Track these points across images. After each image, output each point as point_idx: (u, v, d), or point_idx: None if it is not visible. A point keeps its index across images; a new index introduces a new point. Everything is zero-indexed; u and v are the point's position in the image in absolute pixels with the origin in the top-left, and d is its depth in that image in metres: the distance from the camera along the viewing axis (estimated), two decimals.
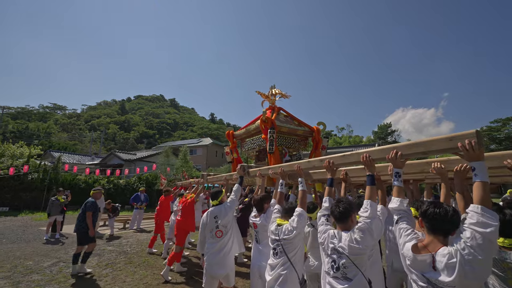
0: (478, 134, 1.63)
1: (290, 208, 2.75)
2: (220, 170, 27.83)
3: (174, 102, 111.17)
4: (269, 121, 5.05)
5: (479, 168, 1.62)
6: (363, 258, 1.98)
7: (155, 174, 19.47)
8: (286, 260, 2.49)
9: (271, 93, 6.02)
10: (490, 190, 1.58)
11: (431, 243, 1.64)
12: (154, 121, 75.97)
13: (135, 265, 5.80)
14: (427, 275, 1.57)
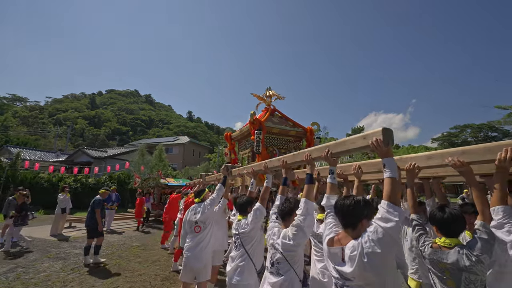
0: (385, 132, 1.70)
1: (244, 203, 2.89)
2: (198, 170, 27.31)
3: (149, 98, 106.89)
4: (257, 122, 5.15)
5: (388, 164, 1.67)
6: (295, 255, 2.03)
7: (127, 172, 18.57)
8: (243, 252, 2.61)
9: (267, 94, 6.11)
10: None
11: (343, 237, 1.69)
12: (127, 117, 72.42)
13: (105, 268, 5.48)
14: (338, 267, 1.62)
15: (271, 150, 5.35)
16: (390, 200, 1.56)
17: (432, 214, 1.90)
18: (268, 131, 5.37)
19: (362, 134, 1.85)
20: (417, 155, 2.04)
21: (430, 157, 1.95)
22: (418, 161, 2.03)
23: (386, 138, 1.69)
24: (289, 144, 5.83)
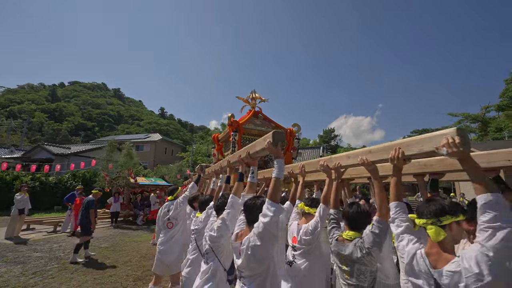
0: (274, 134, 1.93)
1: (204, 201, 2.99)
2: (171, 168, 26.54)
3: (118, 92, 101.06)
4: (235, 124, 5.33)
5: (276, 165, 1.92)
6: (219, 246, 2.21)
7: (94, 171, 17.53)
8: (195, 246, 2.83)
9: (251, 97, 6.28)
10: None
11: (245, 232, 1.87)
12: (93, 112, 67.78)
13: (71, 271, 5.23)
14: (236, 259, 1.85)
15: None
16: (271, 197, 1.76)
17: (344, 210, 2.12)
18: (247, 133, 5.57)
19: (264, 137, 2.04)
20: (340, 155, 2.24)
21: (349, 156, 2.11)
22: (341, 160, 2.20)
23: (276, 139, 1.91)
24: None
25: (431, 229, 1.37)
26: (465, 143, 1.29)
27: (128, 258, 6.20)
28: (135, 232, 9.69)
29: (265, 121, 6.26)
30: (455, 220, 1.35)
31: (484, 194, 1.22)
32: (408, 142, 1.59)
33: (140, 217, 11.72)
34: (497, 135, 28.09)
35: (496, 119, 31.54)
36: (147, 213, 12.19)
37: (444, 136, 1.34)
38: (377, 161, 1.82)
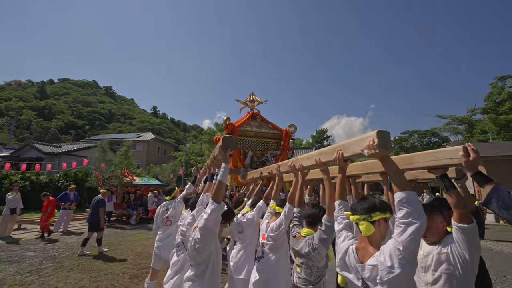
0: (224, 139, 2.11)
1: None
2: (165, 168, 26.39)
3: (110, 90, 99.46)
4: (230, 126, 5.55)
5: (222, 169, 2.14)
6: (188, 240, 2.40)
7: (86, 170, 17.35)
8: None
9: (250, 99, 6.47)
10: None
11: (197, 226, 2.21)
12: (84, 110, 66.56)
13: (66, 269, 5.29)
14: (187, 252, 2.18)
15: (246, 151, 5.77)
16: (212, 197, 1.99)
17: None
18: (244, 134, 5.79)
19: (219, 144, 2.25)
20: (301, 157, 2.42)
21: (308, 157, 2.27)
22: (303, 162, 2.37)
23: (225, 144, 2.12)
24: (266, 145, 6.19)
25: (362, 225, 1.45)
26: (384, 145, 1.41)
27: (124, 257, 6.27)
28: (129, 231, 9.73)
29: (262, 123, 6.41)
30: (383, 217, 1.44)
31: (399, 192, 1.32)
32: (347, 144, 1.72)
33: (133, 217, 11.72)
34: (482, 137, 29.09)
35: (481, 121, 32.61)
36: (140, 212, 12.21)
37: (368, 139, 1.47)
38: (327, 162, 1.96)
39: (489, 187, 1.43)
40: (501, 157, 14.53)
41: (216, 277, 2.01)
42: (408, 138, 44.53)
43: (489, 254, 7.21)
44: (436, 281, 1.61)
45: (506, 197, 1.34)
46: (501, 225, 12.83)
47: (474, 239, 1.54)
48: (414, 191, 1.33)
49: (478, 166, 1.46)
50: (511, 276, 5.41)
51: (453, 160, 1.54)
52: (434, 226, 1.70)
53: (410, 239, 1.23)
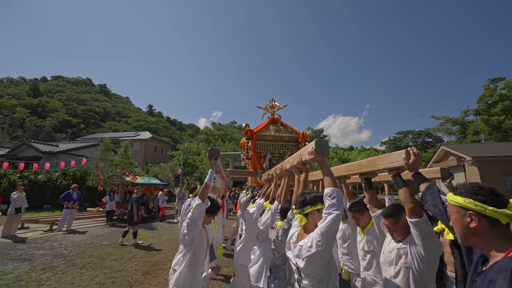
0: (209, 150, 2.50)
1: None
2: (164, 167, 26.39)
3: (104, 88, 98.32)
4: (249, 132, 5.93)
5: (208, 174, 2.54)
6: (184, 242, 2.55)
7: (84, 169, 17.31)
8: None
9: (270, 105, 6.77)
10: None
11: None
12: (78, 108, 65.66)
13: (79, 266, 5.42)
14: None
15: (265, 154, 6.13)
16: (199, 195, 2.42)
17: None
18: (262, 139, 6.15)
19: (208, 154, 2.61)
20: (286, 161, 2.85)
21: (288, 161, 2.69)
22: (286, 165, 2.80)
23: (210, 154, 2.51)
24: (285, 148, 6.50)
25: (298, 217, 1.77)
26: (322, 152, 1.71)
27: (132, 255, 6.42)
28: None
29: (282, 127, 6.68)
30: (315, 209, 1.71)
31: (328, 188, 1.63)
32: (302, 151, 2.10)
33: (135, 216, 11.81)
34: (474, 137, 29.81)
35: (474, 122, 33.40)
36: (142, 211, 12.30)
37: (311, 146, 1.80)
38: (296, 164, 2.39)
39: (423, 186, 1.60)
40: (493, 157, 15.04)
41: (197, 256, 2.48)
42: (403, 139, 45.32)
43: None
44: (397, 275, 1.81)
45: (436, 195, 1.51)
46: None
47: (426, 232, 1.65)
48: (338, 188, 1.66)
49: (418, 167, 1.64)
50: None
51: (399, 163, 1.74)
52: (399, 226, 1.88)
53: (327, 225, 1.51)
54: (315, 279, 1.52)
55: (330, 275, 1.56)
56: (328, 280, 1.54)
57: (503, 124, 28.12)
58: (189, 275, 2.38)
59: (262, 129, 6.29)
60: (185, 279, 2.36)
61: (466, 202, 1.03)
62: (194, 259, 2.44)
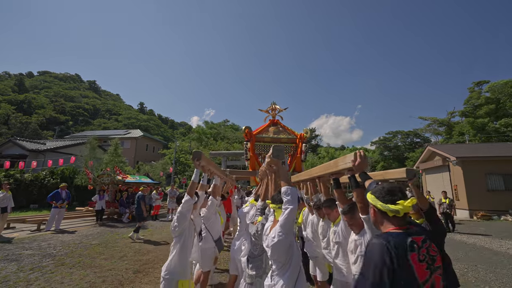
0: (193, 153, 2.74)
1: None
2: (156, 166, 26.14)
3: (94, 85, 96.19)
4: (249, 134, 6.21)
5: (194, 173, 2.85)
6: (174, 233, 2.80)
7: (73, 168, 17.00)
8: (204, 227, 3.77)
9: (271, 108, 7.01)
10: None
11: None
12: (66, 105, 63.99)
13: (68, 266, 5.40)
14: None
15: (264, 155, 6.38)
16: (187, 192, 2.77)
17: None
18: (261, 140, 6.42)
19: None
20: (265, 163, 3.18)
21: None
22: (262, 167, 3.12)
23: (194, 156, 2.70)
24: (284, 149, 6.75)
25: (277, 211, 2.05)
26: (278, 156, 2.00)
27: (123, 254, 6.42)
28: (123, 230, 9.78)
29: (281, 129, 6.89)
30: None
31: (284, 187, 1.93)
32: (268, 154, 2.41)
33: (126, 215, 11.74)
34: (460, 138, 30.79)
35: (460, 124, 34.46)
36: (132, 210, 12.23)
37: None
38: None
39: (368, 183, 1.82)
40: (476, 157, 15.64)
41: (186, 245, 2.77)
42: (392, 138, 46.25)
43: (463, 246, 7.92)
44: (355, 261, 2.12)
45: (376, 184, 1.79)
46: (474, 221, 13.87)
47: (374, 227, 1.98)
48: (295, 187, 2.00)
49: (362, 168, 1.85)
50: (481, 265, 6.05)
51: (347, 164, 1.98)
52: (355, 221, 2.16)
53: (285, 218, 1.84)
54: (280, 263, 1.83)
55: (292, 259, 1.84)
56: (290, 264, 1.83)
57: (486, 127, 29.15)
58: (178, 261, 2.68)
59: (262, 131, 6.55)
60: (175, 264, 2.67)
61: (369, 198, 1.37)
62: (183, 248, 2.73)
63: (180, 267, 2.68)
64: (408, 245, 1.12)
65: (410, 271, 1.08)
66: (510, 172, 14.86)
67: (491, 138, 28.08)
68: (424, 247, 1.13)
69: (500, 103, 30.58)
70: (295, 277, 1.82)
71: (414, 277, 1.08)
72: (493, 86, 31.01)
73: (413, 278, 1.08)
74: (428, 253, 1.13)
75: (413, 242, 1.13)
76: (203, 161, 2.82)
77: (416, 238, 1.15)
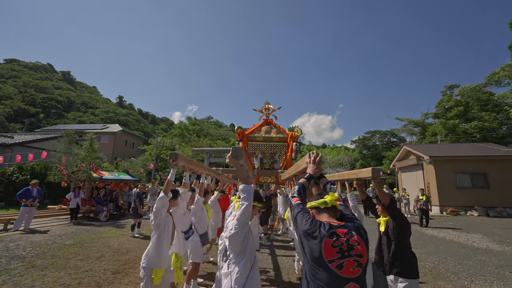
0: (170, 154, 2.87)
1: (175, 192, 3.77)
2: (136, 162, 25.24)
3: (68, 76, 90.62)
4: (240, 134, 6.30)
5: (171, 172, 3.03)
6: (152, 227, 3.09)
7: (45, 163, 15.99)
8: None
9: (265, 107, 7.11)
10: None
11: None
12: (37, 96, 59.87)
13: (40, 268, 5.08)
14: None
15: (256, 154, 6.60)
16: (163, 190, 3.02)
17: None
18: (253, 140, 6.53)
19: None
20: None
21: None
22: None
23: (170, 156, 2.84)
24: (275, 148, 6.84)
25: (238, 207, 2.25)
26: (236, 156, 2.20)
27: (101, 254, 6.16)
28: (100, 229, 9.38)
29: (273, 128, 7.00)
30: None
31: (241, 185, 2.19)
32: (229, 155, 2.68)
33: (103, 213, 11.26)
34: (432, 139, 32.63)
35: (433, 125, 36.49)
36: (110, 208, 11.76)
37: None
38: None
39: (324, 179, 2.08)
40: (447, 157, 16.66)
41: (162, 237, 3.01)
42: (371, 138, 48.09)
43: (434, 240, 8.44)
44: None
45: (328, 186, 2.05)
46: (444, 216, 14.82)
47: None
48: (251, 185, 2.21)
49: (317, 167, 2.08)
50: (450, 258, 6.47)
51: (304, 164, 2.22)
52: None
53: (240, 213, 2.06)
54: (236, 253, 2.06)
55: (246, 249, 2.07)
56: (245, 253, 2.05)
57: (457, 128, 31.10)
58: (154, 251, 2.96)
59: (255, 131, 6.66)
60: (152, 254, 2.95)
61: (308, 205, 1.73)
62: (159, 240, 3.00)
63: (156, 256, 2.94)
64: (327, 232, 1.46)
65: (319, 249, 1.43)
66: (476, 171, 15.99)
67: (461, 139, 30.03)
68: (344, 237, 1.44)
69: (469, 106, 32.75)
70: (250, 265, 2.03)
71: (321, 254, 1.42)
72: (463, 90, 33.10)
73: (320, 254, 1.42)
74: (347, 242, 1.43)
75: (333, 233, 1.46)
76: (181, 161, 2.98)
77: (339, 230, 1.47)
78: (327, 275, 1.40)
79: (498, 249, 7.36)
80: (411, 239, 2.88)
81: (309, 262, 1.48)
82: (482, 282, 4.93)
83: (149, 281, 2.85)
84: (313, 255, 1.45)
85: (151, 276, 2.85)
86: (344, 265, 1.39)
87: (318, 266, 1.43)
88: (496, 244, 7.99)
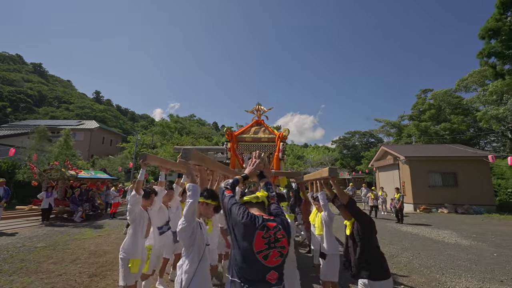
0: (140, 155, 3.03)
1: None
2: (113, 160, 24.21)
3: (39, 68, 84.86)
4: (230, 135, 6.42)
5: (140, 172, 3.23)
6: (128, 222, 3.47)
7: (12, 161, 14.92)
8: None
9: (256, 108, 7.25)
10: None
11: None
12: (4, 89, 55.61)
13: (8, 273, 4.74)
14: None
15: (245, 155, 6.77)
16: (134, 189, 3.25)
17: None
18: (242, 140, 6.65)
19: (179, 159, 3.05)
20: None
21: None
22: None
23: (140, 157, 2.99)
24: (265, 148, 6.93)
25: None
26: (185, 157, 2.35)
27: (76, 256, 5.85)
28: (75, 230, 8.92)
29: (262, 129, 7.13)
30: (204, 201, 2.49)
31: (188, 184, 2.32)
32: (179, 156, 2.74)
33: (78, 214, 10.71)
34: (408, 140, 34.34)
35: (408, 126, 38.39)
36: (86, 209, 11.22)
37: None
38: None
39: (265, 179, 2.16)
40: (420, 157, 17.61)
41: (136, 231, 3.29)
42: (351, 138, 49.66)
43: (409, 236, 8.89)
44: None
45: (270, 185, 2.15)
46: (417, 213, 15.67)
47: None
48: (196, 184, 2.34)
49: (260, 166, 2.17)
50: (423, 253, 6.85)
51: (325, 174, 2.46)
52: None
53: (186, 209, 2.19)
54: (185, 247, 2.21)
55: (194, 243, 2.19)
56: (193, 248, 2.18)
57: (429, 129, 32.95)
58: (129, 243, 3.23)
59: (244, 131, 6.83)
60: (128, 246, 3.22)
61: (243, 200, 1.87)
62: (134, 232, 3.29)
63: (132, 248, 3.21)
64: (260, 224, 1.60)
65: (251, 240, 1.56)
66: (446, 171, 17.05)
67: (433, 140, 31.87)
68: (273, 230, 1.60)
69: (442, 109, 34.83)
70: (198, 259, 2.17)
71: (251, 245, 1.55)
72: (435, 94, 35.14)
73: (251, 245, 1.55)
74: (275, 235, 1.58)
75: (264, 226, 1.60)
76: (152, 161, 3.15)
77: (269, 224, 1.63)
78: (253, 264, 1.55)
79: (465, 244, 7.90)
80: (388, 236, 3.01)
81: (238, 250, 1.61)
82: (452, 275, 5.27)
83: (127, 271, 3.10)
84: (244, 245, 1.58)
85: (128, 266, 3.10)
86: (269, 256, 1.56)
87: (246, 255, 1.57)
88: (464, 239, 8.58)
